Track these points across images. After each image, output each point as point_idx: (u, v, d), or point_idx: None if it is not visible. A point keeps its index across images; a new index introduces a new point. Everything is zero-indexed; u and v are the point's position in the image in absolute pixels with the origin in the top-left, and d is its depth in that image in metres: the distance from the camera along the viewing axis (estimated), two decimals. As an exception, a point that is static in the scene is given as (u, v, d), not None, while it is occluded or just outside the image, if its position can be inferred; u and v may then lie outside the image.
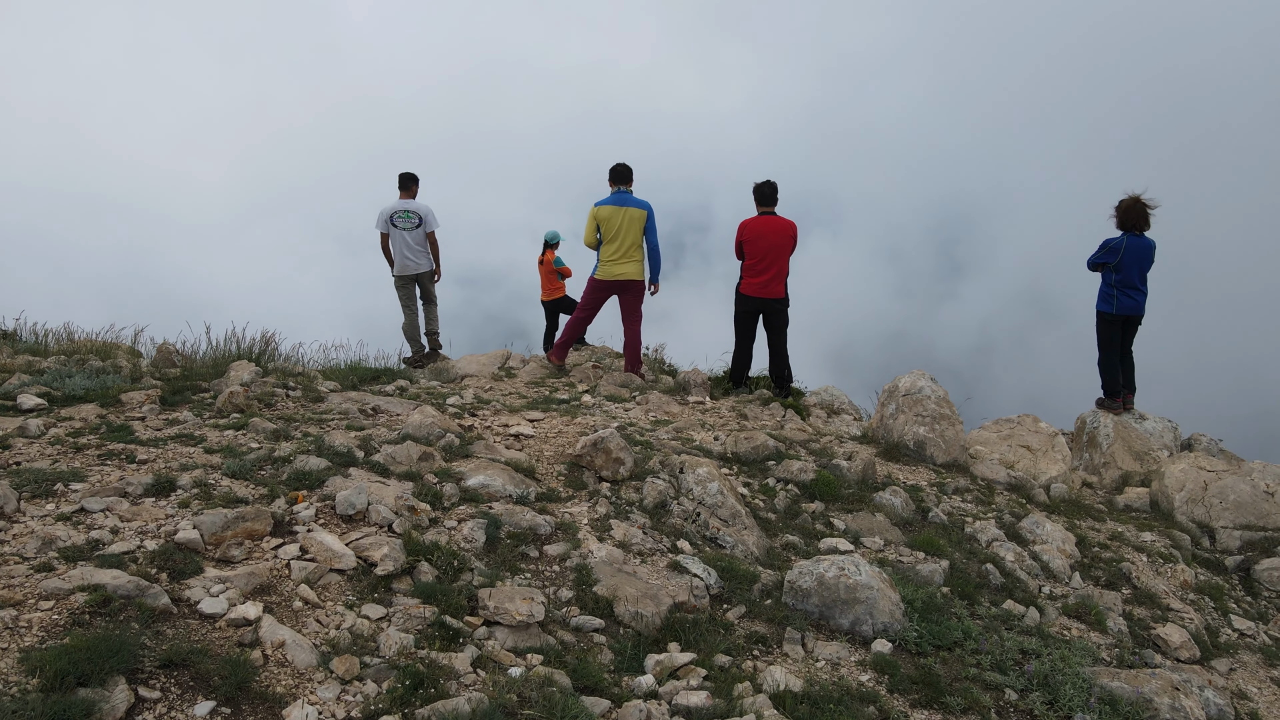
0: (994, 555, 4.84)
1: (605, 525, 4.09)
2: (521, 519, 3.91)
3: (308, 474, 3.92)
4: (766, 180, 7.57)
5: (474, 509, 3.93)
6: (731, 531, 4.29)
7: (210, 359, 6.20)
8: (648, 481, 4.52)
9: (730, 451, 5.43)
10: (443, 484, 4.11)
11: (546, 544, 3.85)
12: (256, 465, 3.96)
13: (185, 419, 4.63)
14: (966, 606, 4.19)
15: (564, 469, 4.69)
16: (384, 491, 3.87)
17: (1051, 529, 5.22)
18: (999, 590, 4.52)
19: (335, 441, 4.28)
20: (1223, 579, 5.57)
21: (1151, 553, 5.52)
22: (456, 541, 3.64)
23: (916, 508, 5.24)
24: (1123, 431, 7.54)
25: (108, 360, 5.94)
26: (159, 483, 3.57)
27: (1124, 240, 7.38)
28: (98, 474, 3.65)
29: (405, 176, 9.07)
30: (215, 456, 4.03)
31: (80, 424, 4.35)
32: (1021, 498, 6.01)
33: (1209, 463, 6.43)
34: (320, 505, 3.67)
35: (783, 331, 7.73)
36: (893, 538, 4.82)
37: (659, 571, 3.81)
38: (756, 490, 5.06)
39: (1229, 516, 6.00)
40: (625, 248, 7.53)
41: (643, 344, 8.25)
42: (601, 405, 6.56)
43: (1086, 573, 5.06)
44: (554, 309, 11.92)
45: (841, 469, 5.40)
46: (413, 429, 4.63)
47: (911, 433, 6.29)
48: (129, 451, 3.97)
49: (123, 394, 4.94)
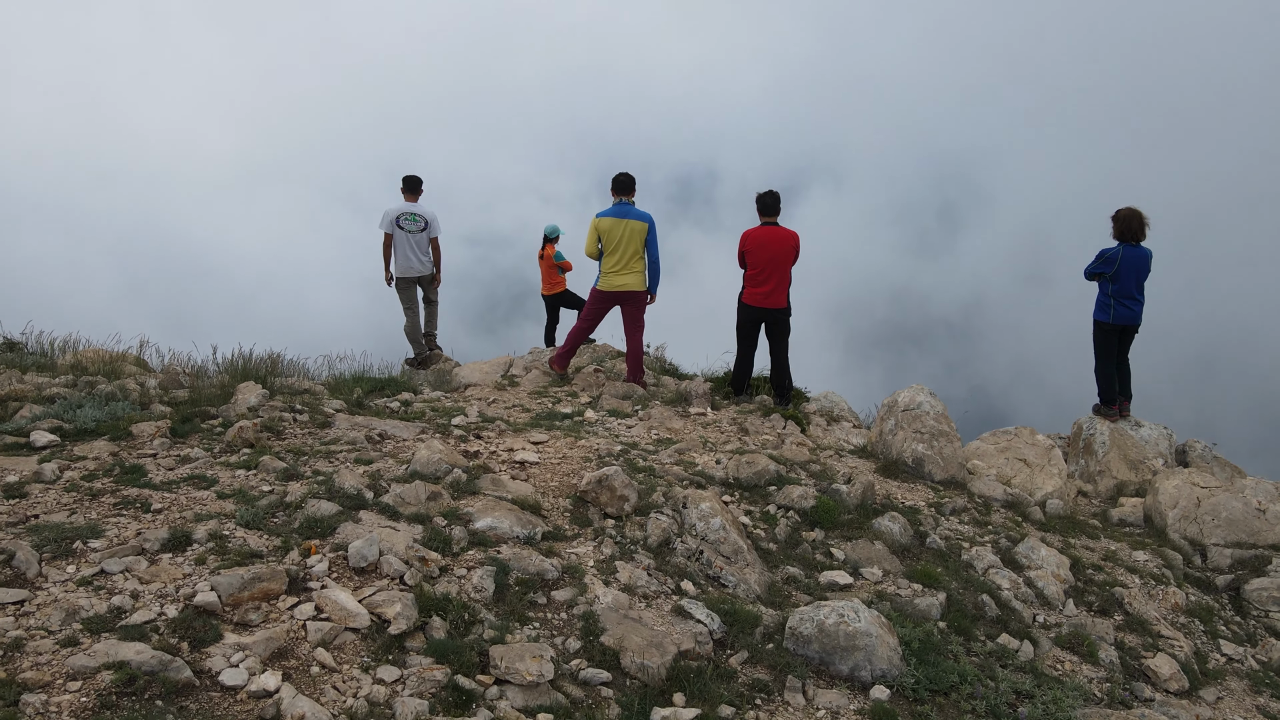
0: (990, 584, 4.96)
1: (611, 567, 4.18)
2: (529, 563, 4.00)
3: (319, 521, 4.00)
4: (769, 190, 7.59)
5: (483, 554, 4.02)
6: (734, 570, 4.38)
7: (218, 381, 6.24)
8: (651, 518, 4.61)
9: (732, 476, 5.51)
10: (451, 526, 4.19)
11: (554, 589, 3.94)
12: (269, 512, 4.03)
13: (196, 456, 4.70)
14: (963, 643, 4.31)
15: (569, 504, 4.77)
16: (394, 538, 3.94)
17: (1046, 554, 5.33)
18: (994, 623, 4.63)
19: (345, 483, 4.35)
20: (1213, 599, 5.70)
21: (1144, 574, 5.63)
22: (466, 591, 3.73)
23: (915, 533, 5.34)
24: (1118, 439, 7.63)
25: (115, 381, 5.99)
26: (174, 537, 3.64)
27: (1120, 251, 7.42)
28: (114, 527, 3.72)
29: (411, 180, 9.10)
30: (228, 503, 4.10)
31: (94, 464, 4.42)
32: (1018, 515, 6.12)
33: (1202, 479, 6.53)
34: (333, 556, 3.75)
35: (784, 340, 7.80)
36: (891, 567, 4.93)
37: (664, 616, 3.90)
38: (758, 518, 5.15)
39: (1220, 534, 6.11)
40: (626, 259, 7.57)
41: (645, 341, 8.33)
42: (604, 422, 6.64)
43: (1080, 598, 5.18)
44: (554, 303, 11.95)
45: (841, 494, 5.49)
46: (420, 465, 4.71)
47: (910, 450, 6.38)
48: (144, 498, 4.04)
49: (133, 425, 5.00)
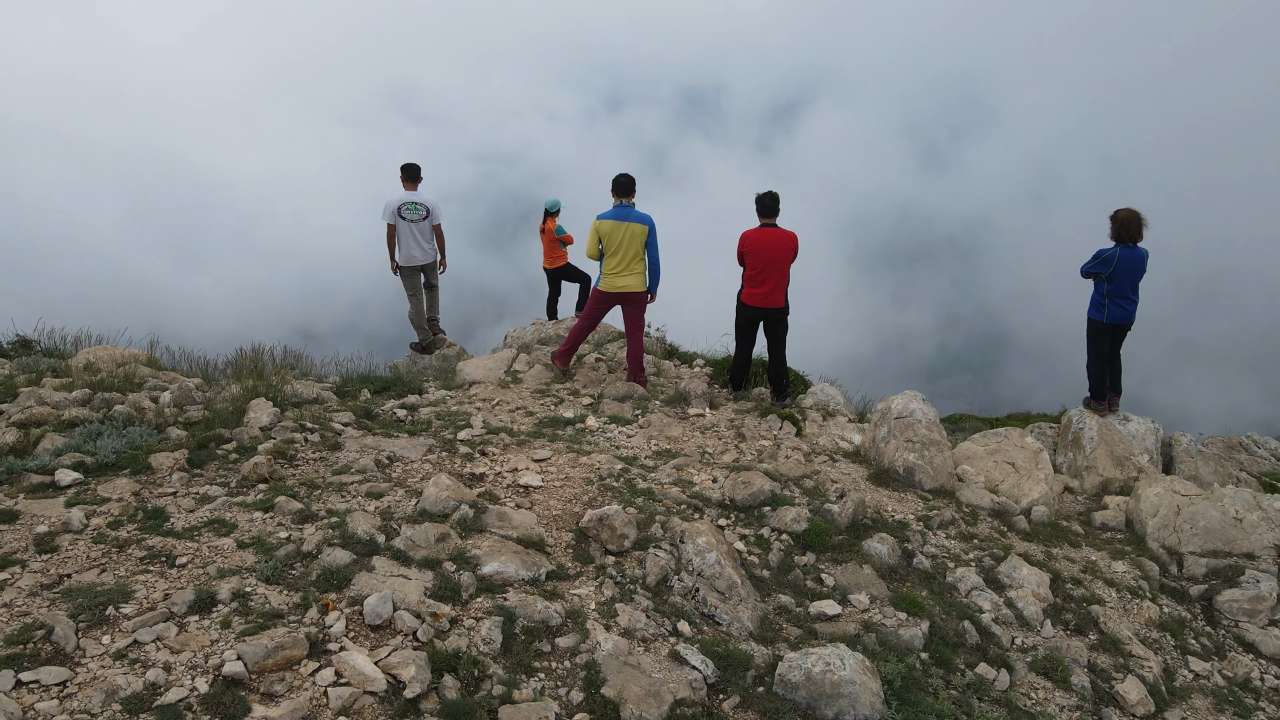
0: (972, 607, 5.22)
1: (611, 610, 4.42)
2: (534, 611, 4.23)
3: (335, 571, 4.22)
4: (768, 191, 7.63)
5: (490, 601, 4.25)
6: (728, 607, 4.63)
7: (230, 396, 6.41)
8: (650, 554, 4.84)
9: (728, 498, 5.73)
10: (460, 572, 4.42)
11: (558, 636, 4.18)
12: (287, 563, 4.25)
13: (214, 494, 4.90)
14: (943, 676, 4.58)
15: (571, 538, 4.99)
16: (407, 589, 4.17)
17: (1028, 573, 5.58)
18: (974, 650, 4.90)
19: (358, 529, 4.56)
20: (1186, 609, 5.98)
21: (1121, 586, 5.90)
22: (476, 644, 3.97)
23: (902, 552, 5.58)
24: (1106, 435, 7.83)
25: (130, 397, 6.16)
26: (200, 598, 3.87)
27: (1117, 252, 7.49)
28: (143, 587, 3.95)
29: (410, 168, 9.11)
30: (248, 554, 4.32)
31: (118, 508, 4.63)
32: (1004, 525, 6.36)
33: (1184, 486, 6.74)
34: (349, 613, 3.98)
35: (782, 339, 7.96)
36: (879, 592, 5.18)
37: (661, 662, 4.15)
38: (752, 543, 5.38)
39: (1197, 543, 6.35)
40: (627, 260, 7.66)
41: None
42: (605, 430, 6.83)
43: (1058, 617, 5.45)
44: (556, 277, 12.03)
45: (832, 514, 5.71)
46: (429, 504, 4.91)
47: (902, 459, 6.58)
48: (168, 549, 4.26)
49: (152, 455, 5.20)
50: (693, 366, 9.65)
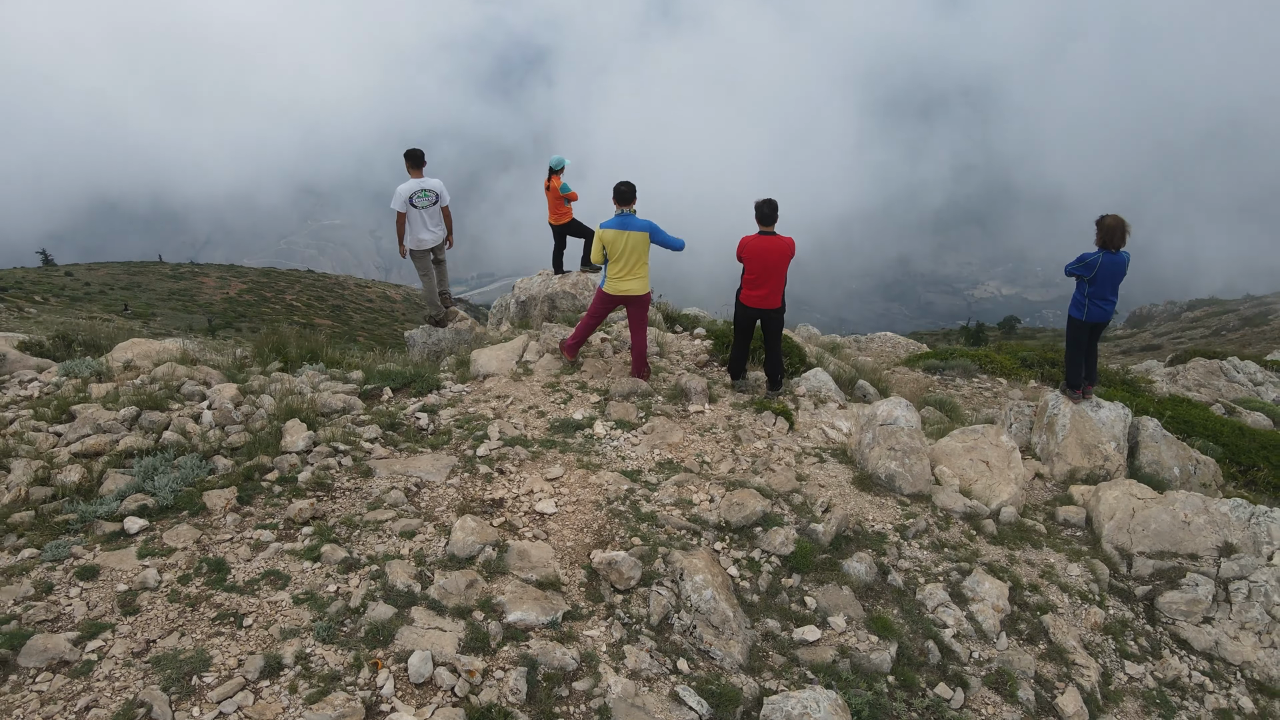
0: (937, 623, 5.92)
1: (620, 653, 5.11)
2: (554, 657, 4.91)
3: (380, 627, 4.88)
4: (766, 200, 7.91)
5: (515, 650, 4.92)
6: (720, 643, 5.32)
7: (267, 414, 6.93)
8: (653, 593, 5.50)
9: (724, 519, 6.34)
10: (488, 621, 5.08)
11: (574, 680, 4.88)
12: (338, 620, 4.91)
13: (266, 540, 5.51)
14: (906, 699, 5.32)
15: (584, 576, 5.64)
16: (443, 641, 4.84)
17: (989, 587, 6.26)
18: (935, 669, 5.62)
19: (397, 581, 5.19)
20: (1130, 608, 6.70)
21: (1074, 591, 6.60)
22: (505, 695, 4.66)
23: (878, 570, 6.25)
24: (1078, 422, 8.40)
25: (174, 418, 6.69)
26: (269, 664, 4.52)
27: (1100, 257, 7.84)
28: (219, 652, 4.60)
29: (415, 154, 9.32)
30: (304, 610, 4.96)
31: (184, 559, 5.25)
32: (973, 528, 7.02)
33: (1140, 490, 7.36)
34: (396, 670, 4.65)
35: (778, 335, 8.43)
36: (854, 614, 5.87)
37: (663, 702, 4.86)
38: (744, 566, 6.04)
39: (1147, 544, 7.02)
40: (630, 266, 8.02)
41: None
42: (611, 438, 7.39)
43: (1013, 627, 6.17)
44: (562, 232, 12.31)
45: (817, 534, 6.34)
46: (457, 548, 5.53)
47: (884, 467, 7.18)
48: (234, 607, 4.90)
49: (205, 494, 5.80)
50: (693, 336, 10.11)
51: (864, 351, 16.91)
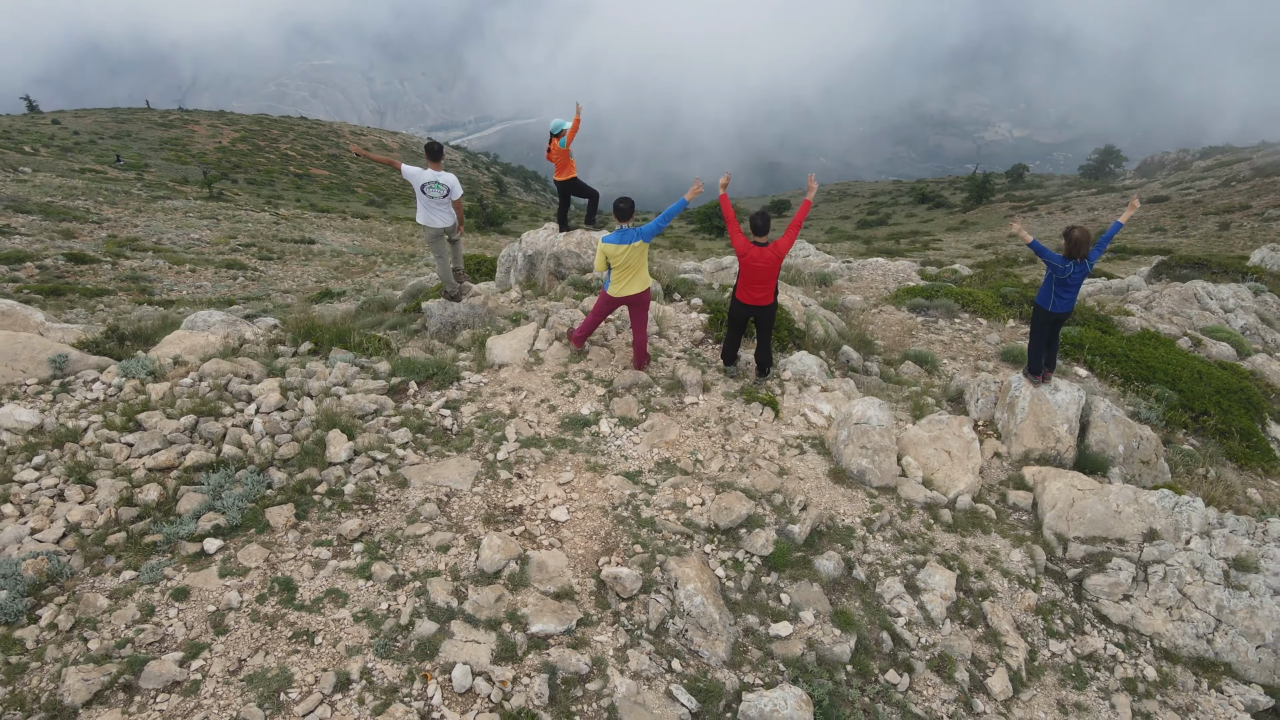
0: (892, 614, 7.00)
1: (624, 656, 6.18)
2: (570, 663, 5.99)
3: (426, 641, 5.92)
4: (760, 211, 8.51)
5: (538, 658, 5.99)
6: (707, 643, 6.40)
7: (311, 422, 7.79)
8: (652, 600, 6.54)
9: (713, 523, 7.33)
10: (515, 632, 6.13)
11: (587, 682, 5.97)
12: (392, 637, 5.95)
13: (324, 559, 6.50)
14: (860, 686, 6.45)
15: (594, 585, 6.66)
16: (479, 653, 5.90)
17: (939, 578, 7.31)
18: (887, 657, 6.74)
19: (437, 599, 6.21)
20: (1061, 588, 7.79)
21: (1013, 576, 7.67)
22: (531, 700, 5.75)
23: (845, 565, 7.28)
24: (1036, 405, 9.29)
25: (230, 429, 7.57)
26: (340, 680, 5.58)
27: (1071, 267, 8.52)
28: (298, 669, 5.65)
29: (434, 148, 9.80)
30: (363, 628, 5.99)
31: (258, 578, 6.25)
32: (931, 517, 8.03)
33: (1082, 481, 8.32)
34: (442, 680, 5.72)
35: (769, 328, 9.24)
36: (822, 608, 6.93)
37: (660, 699, 5.97)
38: (730, 566, 7.06)
39: (1082, 530, 8.05)
40: (633, 272, 8.71)
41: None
42: (615, 436, 8.29)
43: (957, 614, 7.26)
44: (566, 190, 12.79)
45: (793, 534, 7.34)
46: (485, 565, 6.53)
47: (856, 464, 8.12)
48: (306, 626, 5.93)
49: (267, 510, 6.76)
50: (690, 307, 10.84)
51: (855, 283, 17.60)
